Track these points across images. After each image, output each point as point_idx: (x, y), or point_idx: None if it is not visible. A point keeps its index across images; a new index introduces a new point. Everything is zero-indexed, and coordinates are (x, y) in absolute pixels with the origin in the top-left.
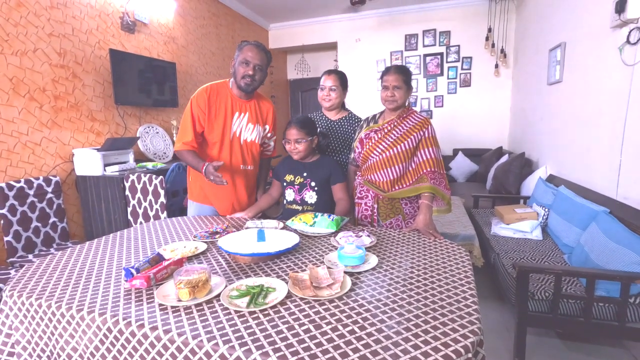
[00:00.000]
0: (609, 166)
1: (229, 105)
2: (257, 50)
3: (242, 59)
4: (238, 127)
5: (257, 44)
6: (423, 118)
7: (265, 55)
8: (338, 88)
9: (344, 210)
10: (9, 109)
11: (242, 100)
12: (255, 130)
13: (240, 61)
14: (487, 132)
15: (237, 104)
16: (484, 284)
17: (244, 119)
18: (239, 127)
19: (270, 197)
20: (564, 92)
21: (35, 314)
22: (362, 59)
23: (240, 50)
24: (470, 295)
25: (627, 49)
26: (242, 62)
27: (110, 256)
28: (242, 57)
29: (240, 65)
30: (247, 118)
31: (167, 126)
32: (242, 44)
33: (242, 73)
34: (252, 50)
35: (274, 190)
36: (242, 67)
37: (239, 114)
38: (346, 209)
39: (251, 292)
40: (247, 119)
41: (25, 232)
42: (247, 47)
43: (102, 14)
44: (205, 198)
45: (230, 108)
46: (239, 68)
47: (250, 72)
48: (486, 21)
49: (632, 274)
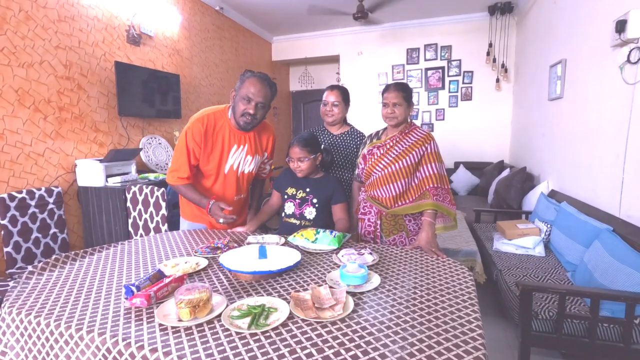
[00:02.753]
0: (612, 184)
1: (227, 137)
2: (262, 86)
3: (243, 94)
4: (236, 160)
5: (262, 77)
6: (425, 133)
7: (269, 90)
8: (340, 104)
9: (342, 230)
10: (14, 120)
11: (241, 133)
12: (253, 162)
13: (241, 96)
14: (488, 145)
15: (235, 137)
16: (487, 300)
17: (242, 151)
18: (237, 160)
19: (270, 208)
20: (565, 108)
21: (33, 332)
22: (364, 72)
23: (243, 83)
24: (474, 319)
25: (627, 68)
26: (243, 98)
27: (110, 271)
28: (244, 92)
29: (241, 100)
30: (247, 150)
31: (170, 137)
32: (245, 74)
33: (242, 110)
34: (256, 85)
35: (274, 200)
36: (243, 104)
37: (237, 146)
38: (345, 228)
39: (252, 312)
40: (246, 152)
41: (26, 243)
42: (250, 81)
43: (109, 27)
44: (197, 216)
45: (227, 141)
46: (239, 104)
47: (251, 111)
48: (487, 36)
49: (637, 294)
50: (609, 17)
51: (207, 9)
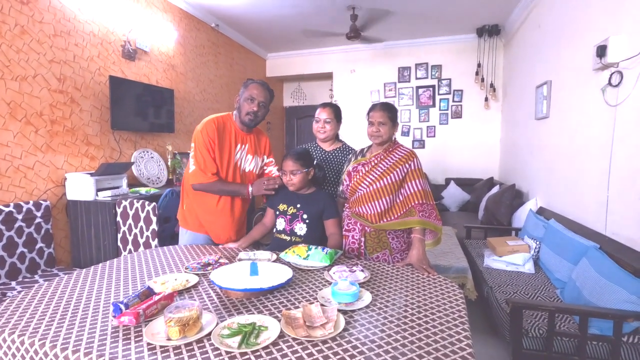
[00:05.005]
0: (597, 202)
1: (233, 136)
2: (262, 89)
3: (247, 96)
4: (240, 157)
5: (262, 83)
6: (408, 151)
7: (269, 93)
8: (332, 121)
9: (335, 245)
10: (4, 133)
11: (243, 133)
12: (253, 161)
13: (245, 97)
14: (478, 162)
15: (239, 136)
16: (478, 317)
17: (244, 149)
18: (240, 157)
19: (263, 227)
20: (551, 127)
21: (17, 351)
22: (356, 89)
23: (246, 88)
24: (464, 337)
25: (609, 91)
26: (247, 99)
27: (98, 288)
28: (247, 94)
29: (245, 101)
30: (248, 149)
31: (162, 151)
32: (247, 81)
33: (247, 109)
34: (258, 88)
35: (268, 219)
36: (247, 104)
37: (241, 145)
38: (338, 243)
39: (243, 330)
40: (247, 150)
41: (10, 258)
42: (252, 85)
43: (104, 42)
44: (200, 227)
45: (233, 139)
46: (244, 104)
47: (254, 109)
48: (476, 56)
49: (625, 312)
50: (590, 41)
51: (203, 26)
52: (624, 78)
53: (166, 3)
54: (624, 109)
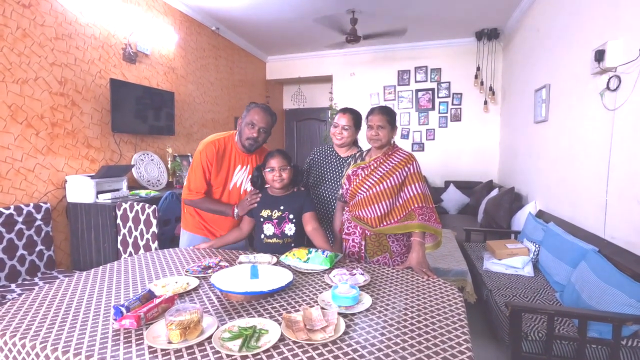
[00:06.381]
0: (596, 205)
1: (233, 158)
2: (264, 114)
3: (248, 121)
4: (240, 178)
5: (264, 108)
6: (407, 154)
7: (270, 118)
8: (351, 128)
9: (323, 241)
10: (5, 136)
11: (245, 155)
12: None
13: (247, 122)
14: (477, 165)
15: (240, 158)
16: (477, 320)
17: (245, 171)
18: (240, 178)
19: (239, 232)
20: (550, 131)
21: (18, 354)
22: (356, 92)
23: (248, 112)
24: (464, 341)
25: (607, 95)
26: (248, 124)
27: (99, 291)
28: (249, 119)
29: (246, 126)
30: (249, 170)
31: (163, 153)
32: (250, 105)
33: (248, 134)
34: (259, 113)
35: (245, 225)
36: (248, 129)
37: (242, 166)
38: (324, 237)
39: (244, 334)
40: (248, 171)
41: (10, 261)
42: (254, 110)
43: (105, 45)
44: (199, 228)
45: (234, 161)
46: (245, 129)
47: (254, 135)
48: (475, 60)
49: (623, 315)
50: (588, 46)
51: (203, 29)
52: (622, 82)
53: (167, 6)
54: (622, 113)
